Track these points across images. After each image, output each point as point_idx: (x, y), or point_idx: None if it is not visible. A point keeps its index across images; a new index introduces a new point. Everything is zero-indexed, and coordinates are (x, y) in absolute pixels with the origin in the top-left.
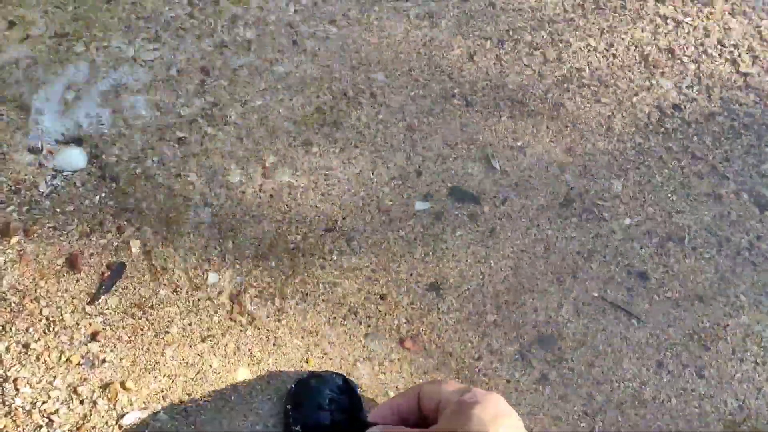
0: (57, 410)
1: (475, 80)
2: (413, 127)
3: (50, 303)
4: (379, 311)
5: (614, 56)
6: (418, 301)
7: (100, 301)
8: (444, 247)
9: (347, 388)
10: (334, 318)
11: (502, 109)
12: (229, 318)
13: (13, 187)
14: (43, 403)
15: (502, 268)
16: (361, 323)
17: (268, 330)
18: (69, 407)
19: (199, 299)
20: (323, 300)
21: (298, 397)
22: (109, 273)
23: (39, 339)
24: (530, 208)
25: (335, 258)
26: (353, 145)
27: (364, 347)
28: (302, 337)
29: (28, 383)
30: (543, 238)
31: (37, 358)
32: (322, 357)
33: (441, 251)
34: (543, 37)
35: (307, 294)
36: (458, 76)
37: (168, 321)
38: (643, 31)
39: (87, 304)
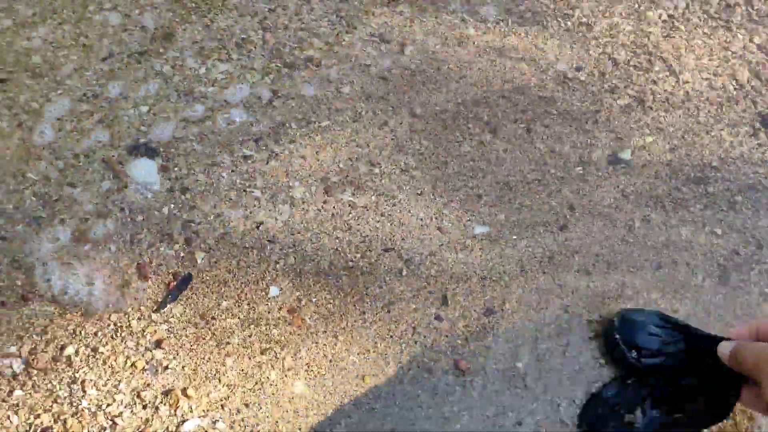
0: (121, 413)
1: (541, 108)
2: (477, 153)
3: (118, 309)
4: (436, 331)
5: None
6: (474, 323)
7: (165, 309)
8: (502, 271)
9: (666, 318)
10: (391, 336)
11: (565, 138)
12: (288, 332)
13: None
14: (108, 405)
15: (558, 295)
16: (417, 342)
17: (325, 345)
18: (132, 411)
19: (259, 312)
20: (380, 319)
21: (624, 329)
22: (175, 282)
23: (107, 343)
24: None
25: (393, 277)
26: (415, 168)
27: (419, 367)
28: (359, 354)
29: (94, 386)
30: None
31: (104, 362)
32: (378, 375)
33: (498, 275)
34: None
35: (364, 312)
36: (529, 103)
37: (229, 332)
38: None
39: (153, 311)
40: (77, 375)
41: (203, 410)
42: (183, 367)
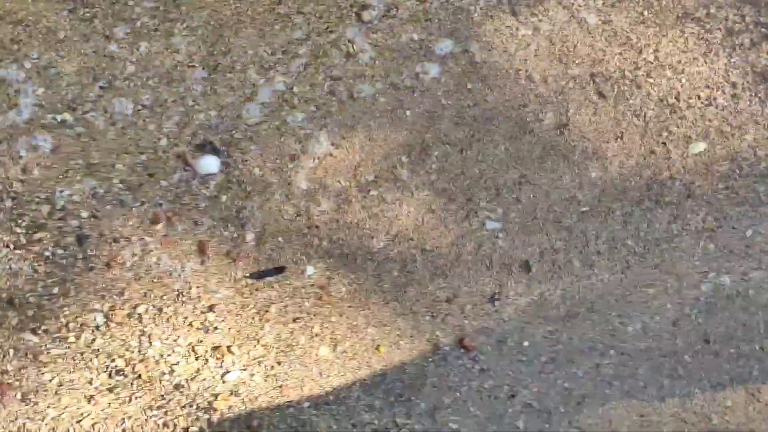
0: (178, 362)
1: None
2: (486, 168)
3: (181, 278)
4: (446, 312)
5: None
6: (480, 307)
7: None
8: (508, 262)
9: None
10: (405, 314)
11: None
12: (318, 304)
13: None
14: (168, 355)
15: (562, 285)
16: (428, 320)
17: (348, 318)
18: (187, 361)
19: (295, 287)
20: (397, 298)
21: None
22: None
23: (171, 305)
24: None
25: (412, 264)
26: (439, 171)
27: (428, 341)
28: (376, 327)
29: (159, 339)
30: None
31: (167, 320)
32: (391, 346)
33: (505, 265)
34: None
35: (384, 292)
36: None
37: (269, 302)
38: None
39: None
40: (146, 329)
41: (243, 365)
42: (229, 328)
